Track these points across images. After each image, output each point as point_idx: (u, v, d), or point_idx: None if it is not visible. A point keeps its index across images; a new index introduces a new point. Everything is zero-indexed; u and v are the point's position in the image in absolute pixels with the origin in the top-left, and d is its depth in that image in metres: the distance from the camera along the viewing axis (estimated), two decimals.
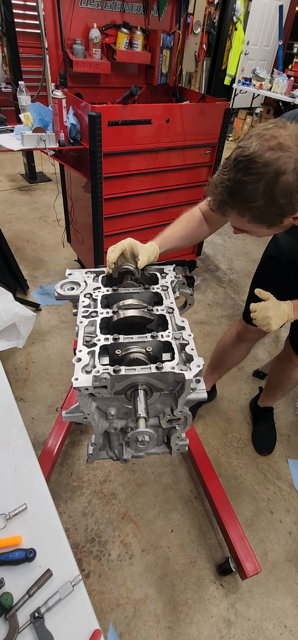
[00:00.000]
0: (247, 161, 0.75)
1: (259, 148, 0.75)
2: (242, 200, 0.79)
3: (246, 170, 0.76)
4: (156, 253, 1.12)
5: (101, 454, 1.09)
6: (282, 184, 0.75)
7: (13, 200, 4.02)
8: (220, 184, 0.82)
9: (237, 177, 0.78)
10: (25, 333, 1.79)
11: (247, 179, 0.76)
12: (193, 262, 3.19)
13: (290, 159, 0.74)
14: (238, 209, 0.82)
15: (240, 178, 0.77)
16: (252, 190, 0.77)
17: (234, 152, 0.79)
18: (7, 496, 0.83)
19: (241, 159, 0.76)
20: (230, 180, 0.79)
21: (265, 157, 0.74)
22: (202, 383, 0.88)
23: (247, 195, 0.78)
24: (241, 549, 1.37)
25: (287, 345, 1.67)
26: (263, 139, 0.76)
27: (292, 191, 0.76)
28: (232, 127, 7.13)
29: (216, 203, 0.86)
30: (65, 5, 2.11)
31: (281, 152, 0.74)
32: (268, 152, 0.74)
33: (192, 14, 5.29)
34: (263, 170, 0.74)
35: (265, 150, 0.74)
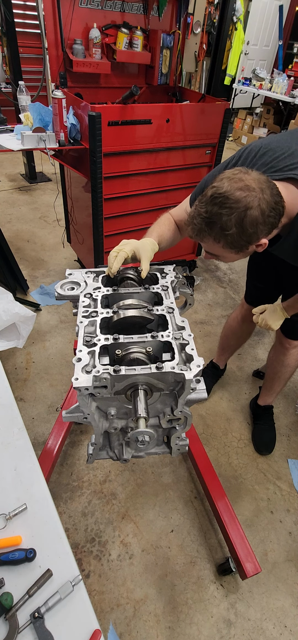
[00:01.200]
0: (222, 197, 0.90)
1: (231, 188, 0.90)
2: (218, 228, 0.93)
3: (221, 204, 0.90)
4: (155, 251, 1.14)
5: (101, 454, 1.09)
6: (250, 216, 0.90)
7: (13, 200, 4.02)
8: (198, 215, 0.96)
9: (213, 210, 0.92)
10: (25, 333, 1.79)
11: (222, 212, 0.91)
12: (193, 262, 3.19)
13: (255, 197, 0.89)
14: (214, 236, 0.96)
15: (217, 211, 0.91)
16: (226, 221, 0.91)
17: (210, 191, 0.94)
18: (7, 496, 0.83)
19: (216, 196, 0.91)
20: (207, 212, 0.93)
21: (236, 195, 0.89)
22: (202, 383, 0.88)
23: (223, 224, 0.92)
24: (241, 549, 1.37)
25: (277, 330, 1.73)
26: (233, 181, 0.91)
27: (257, 222, 0.91)
28: (232, 127, 7.12)
29: (195, 231, 0.99)
30: (65, 5, 2.11)
31: (248, 192, 0.89)
32: (238, 192, 0.89)
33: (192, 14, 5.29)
34: (235, 206, 0.89)
35: (236, 190, 0.90)
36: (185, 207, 1.27)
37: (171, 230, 1.27)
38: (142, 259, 1.06)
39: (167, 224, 1.27)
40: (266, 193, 0.91)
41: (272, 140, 1.11)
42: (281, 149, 1.06)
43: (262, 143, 1.11)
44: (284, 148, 1.06)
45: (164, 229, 1.24)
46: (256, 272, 1.75)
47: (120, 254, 1.05)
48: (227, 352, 2.15)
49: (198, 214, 0.96)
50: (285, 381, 1.85)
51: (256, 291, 1.80)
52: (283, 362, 1.76)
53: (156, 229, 1.22)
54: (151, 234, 1.19)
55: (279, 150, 1.06)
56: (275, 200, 0.93)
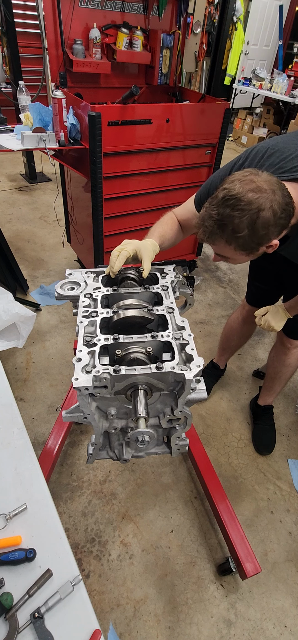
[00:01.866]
0: (234, 199, 0.90)
1: (243, 190, 0.90)
2: (230, 231, 0.93)
3: (233, 206, 0.90)
4: (157, 252, 1.15)
5: (101, 454, 1.09)
6: (262, 218, 0.90)
7: (13, 200, 4.02)
8: (209, 217, 0.95)
9: (225, 212, 0.92)
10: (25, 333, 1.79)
11: (234, 214, 0.90)
12: (193, 262, 3.19)
13: (267, 199, 0.89)
14: (226, 238, 0.95)
15: (229, 213, 0.91)
16: (238, 223, 0.91)
17: (221, 193, 0.93)
18: (7, 496, 0.83)
19: (228, 198, 0.91)
20: (219, 214, 0.93)
21: (248, 197, 0.89)
22: (202, 383, 0.88)
23: (235, 227, 0.91)
24: (241, 549, 1.37)
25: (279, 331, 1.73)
26: (244, 182, 0.91)
27: (269, 224, 0.91)
28: (232, 127, 7.12)
29: (206, 234, 0.99)
30: (65, 5, 2.11)
31: (260, 194, 0.89)
32: (250, 193, 0.89)
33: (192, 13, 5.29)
34: (247, 207, 0.89)
35: (248, 192, 0.89)
36: (189, 207, 1.27)
37: (173, 229, 1.27)
38: (143, 258, 1.06)
39: (170, 224, 1.27)
40: (277, 194, 0.91)
41: (279, 141, 1.11)
42: (288, 150, 1.06)
43: (268, 144, 1.11)
44: (291, 149, 1.06)
45: (166, 229, 1.24)
46: (257, 272, 1.75)
47: (122, 253, 1.04)
48: (228, 353, 2.15)
49: (210, 217, 0.95)
50: (285, 381, 1.85)
51: (257, 291, 1.80)
52: (284, 362, 1.76)
53: (158, 229, 1.22)
54: (153, 234, 1.19)
55: (287, 151, 1.06)
56: (286, 201, 0.93)
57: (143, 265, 1.06)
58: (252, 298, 1.85)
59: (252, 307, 1.83)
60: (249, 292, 1.86)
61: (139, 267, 1.08)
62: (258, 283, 1.77)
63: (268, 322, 1.42)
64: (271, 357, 1.85)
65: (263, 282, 1.74)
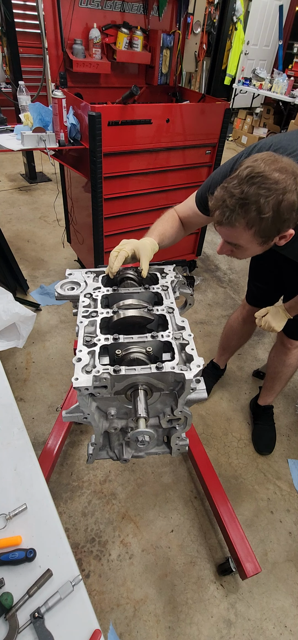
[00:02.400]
0: (260, 177, 0.85)
1: (269, 169, 0.86)
2: (255, 211, 0.87)
3: (260, 184, 0.85)
4: (156, 251, 1.14)
5: (101, 454, 1.09)
6: (288, 200, 0.86)
7: (13, 200, 4.02)
8: (231, 196, 0.89)
9: (250, 191, 0.86)
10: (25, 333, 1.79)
11: (261, 192, 0.85)
12: (193, 262, 3.20)
13: (293, 181, 0.86)
14: (248, 220, 0.89)
15: (255, 191, 0.85)
16: (264, 203, 0.85)
17: (245, 171, 0.88)
18: (7, 496, 0.83)
19: (254, 175, 0.86)
20: (243, 193, 0.87)
21: (275, 176, 0.85)
22: (202, 383, 0.88)
23: (260, 207, 0.86)
24: (241, 549, 1.37)
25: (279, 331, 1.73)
26: (268, 162, 0.87)
27: (293, 208, 0.87)
28: (232, 127, 7.13)
29: (225, 214, 0.91)
30: (65, 5, 2.11)
31: (286, 174, 0.86)
32: (276, 173, 0.85)
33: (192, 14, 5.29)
34: (273, 187, 0.84)
35: (273, 171, 0.85)
36: (190, 205, 1.26)
37: (174, 227, 1.26)
38: (141, 258, 1.06)
39: (171, 221, 1.26)
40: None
41: (282, 138, 1.09)
42: (292, 147, 1.04)
43: (272, 140, 1.09)
44: (295, 146, 1.04)
45: (167, 227, 1.23)
46: (258, 272, 1.75)
47: (121, 253, 1.04)
48: (228, 353, 2.15)
49: (231, 195, 0.89)
50: (286, 381, 1.85)
51: (257, 291, 1.80)
52: (284, 362, 1.76)
53: (158, 228, 1.21)
54: (152, 232, 1.19)
55: (290, 148, 1.04)
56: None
57: (141, 265, 1.06)
58: (252, 298, 1.85)
59: (252, 307, 1.83)
60: (249, 292, 1.86)
61: (138, 266, 1.08)
62: (258, 283, 1.77)
63: (268, 322, 1.42)
64: (271, 357, 1.85)
65: (264, 282, 1.73)
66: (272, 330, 1.41)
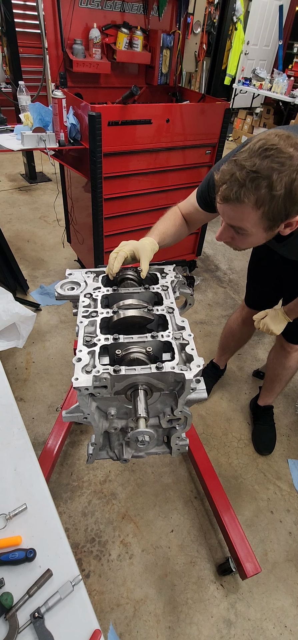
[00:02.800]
0: (274, 150, 0.79)
1: (283, 143, 0.80)
2: (266, 187, 0.80)
3: (273, 158, 0.79)
4: (156, 251, 1.13)
5: (101, 454, 1.09)
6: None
7: (13, 200, 4.02)
8: (241, 169, 0.81)
9: (263, 164, 0.79)
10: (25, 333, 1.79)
11: (274, 166, 0.78)
12: (193, 262, 3.19)
13: None
14: (257, 197, 0.82)
15: (268, 164, 0.79)
16: (277, 179, 0.79)
17: (257, 143, 0.81)
18: (7, 496, 0.83)
19: (269, 147, 0.79)
20: (254, 165, 0.80)
21: (289, 151, 0.79)
22: (202, 383, 0.88)
23: (273, 182, 0.79)
24: (241, 549, 1.37)
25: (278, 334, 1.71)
26: (283, 137, 0.81)
27: None
28: (232, 127, 7.13)
29: (233, 189, 0.83)
30: (65, 5, 2.11)
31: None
32: (291, 148, 0.79)
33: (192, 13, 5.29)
34: (288, 162, 0.78)
35: (288, 145, 0.79)
36: (192, 201, 1.24)
37: (177, 225, 1.24)
38: (141, 259, 1.06)
39: (173, 219, 1.24)
40: None
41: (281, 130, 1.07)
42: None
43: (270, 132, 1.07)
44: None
45: (169, 225, 1.21)
46: (256, 274, 1.74)
47: (120, 254, 1.04)
48: (227, 353, 2.15)
49: (241, 168, 0.81)
50: (285, 383, 1.85)
51: (256, 294, 1.79)
52: (284, 365, 1.75)
53: (159, 227, 1.20)
54: (152, 232, 1.18)
55: None
56: None
57: (141, 265, 1.05)
58: (250, 300, 1.83)
59: (251, 309, 1.82)
60: (248, 294, 1.85)
61: (138, 267, 1.08)
62: (257, 285, 1.76)
63: (267, 325, 1.39)
64: (270, 359, 1.84)
65: (262, 284, 1.72)
66: (271, 333, 1.39)
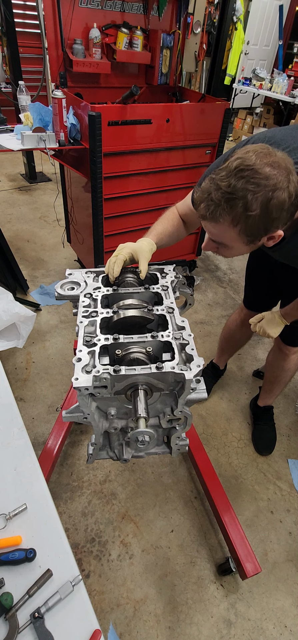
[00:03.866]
0: (250, 170, 0.79)
1: (260, 162, 0.79)
2: (241, 207, 0.81)
3: (248, 179, 0.79)
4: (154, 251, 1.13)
5: (101, 454, 1.09)
6: (277, 198, 0.80)
7: (13, 200, 4.02)
8: (217, 189, 0.83)
9: (238, 185, 0.80)
10: (25, 333, 1.79)
11: (249, 187, 0.79)
12: (193, 262, 3.19)
13: (285, 178, 0.80)
14: (233, 216, 0.83)
15: (242, 186, 0.79)
16: (251, 200, 0.79)
17: (234, 162, 0.81)
18: (7, 496, 0.83)
19: (244, 168, 0.79)
20: (230, 186, 0.80)
21: (266, 171, 0.79)
22: (202, 383, 0.88)
23: (247, 203, 0.80)
24: (241, 549, 1.37)
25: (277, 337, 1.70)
26: (261, 155, 0.80)
27: (283, 207, 0.81)
28: (232, 127, 7.13)
29: (209, 209, 0.86)
30: (65, 5, 2.11)
31: (278, 170, 0.80)
32: (268, 167, 0.79)
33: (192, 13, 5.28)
34: (263, 182, 0.78)
35: (265, 165, 0.79)
36: (188, 203, 1.23)
37: (175, 226, 1.23)
38: (140, 260, 1.06)
39: (171, 219, 1.24)
40: (293, 175, 0.81)
41: (276, 132, 1.05)
42: (286, 142, 0.99)
43: (266, 135, 1.05)
44: (289, 141, 0.99)
45: (167, 226, 1.21)
46: (254, 276, 1.73)
47: (119, 257, 1.04)
48: (227, 354, 2.15)
49: (217, 188, 0.82)
50: (285, 384, 1.84)
51: (254, 296, 1.78)
52: (283, 367, 1.74)
53: (157, 227, 1.20)
54: (150, 233, 1.18)
55: (284, 143, 0.98)
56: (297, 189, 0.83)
57: (140, 266, 1.05)
58: (249, 302, 1.82)
59: (250, 311, 1.81)
60: (246, 296, 1.83)
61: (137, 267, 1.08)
62: (255, 287, 1.76)
63: (263, 329, 1.37)
64: (269, 361, 1.83)
65: (261, 286, 1.71)
66: (268, 336, 1.38)
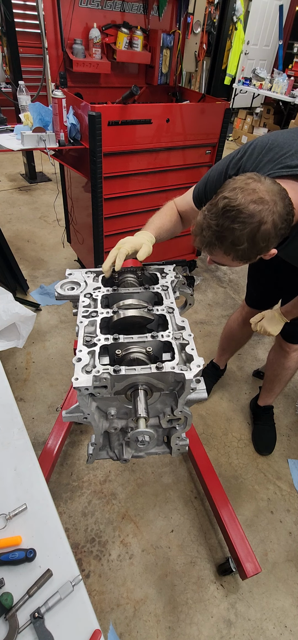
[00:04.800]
0: (235, 211, 0.87)
1: (244, 201, 0.86)
2: (230, 243, 0.90)
3: (234, 218, 0.87)
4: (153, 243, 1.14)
5: (101, 454, 1.09)
6: (263, 231, 0.87)
7: (13, 200, 4.02)
8: (208, 228, 0.92)
9: (225, 224, 0.88)
10: (25, 333, 1.79)
11: (235, 226, 0.87)
12: (193, 262, 3.19)
13: (269, 212, 0.87)
14: (225, 249, 0.93)
15: (229, 225, 0.88)
16: (239, 236, 0.88)
17: (221, 202, 0.89)
18: (7, 496, 0.83)
19: (229, 209, 0.87)
20: (219, 225, 0.90)
21: (250, 209, 0.86)
22: (202, 383, 0.88)
23: (234, 239, 0.89)
24: (241, 549, 1.37)
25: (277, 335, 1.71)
26: (246, 192, 0.87)
27: (270, 237, 0.90)
28: (232, 127, 7.12)
29: (203, 244, 0.96)
30: (65, 5, 2.11)
31: (262, 206, 0.86)
32: (252, 205, 0.86)
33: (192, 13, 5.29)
34: (248, 220, 0.86)
35: (250, 203, 0.86)
36: (188, 200, 1.26)
37: (172, 221, 1.25)
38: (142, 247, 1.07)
39: (169, 214, 1.26)
40: (279, 205, 0.88)
41: (278, 135, 1.08)
42: (288, 146, 1.03)
43: (268, 139, 1.08)
44: (291, 145, 1.03)
45: (165, 220, 1.23)
46: (257, 275, 1.74)
47: (121, 250, 1.04)
48: (227, 353, 2.15)
49: (208, 226, 0.92)
50: (285, 383, 1.85)
51: (256, 294, 1.79)
52: (283, 365, 1.75)
53: (155, 221, 1.21)
54: (149, 226, 1.19)
55: (286, 147, 1.03)
56: (287, 210, 0.91)
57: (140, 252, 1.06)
58: (251, 300, 1.84)
59: (252, 310, 1.82)
60: (248, 294, 1.85)
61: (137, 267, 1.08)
62: (257, 285, 1.77)
63: (264, 327, 1.42)
64: (270, 359, 1.84)
65: (263, 284, 1.73)
66: (268, 334, 1.43)
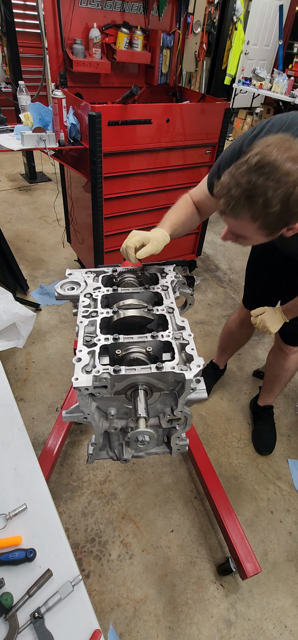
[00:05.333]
0: (270, 167, 0.78)
1: (281, 157, 0.78)
2: (261, 203, 0.81)
3: (268, 175, 0.78)
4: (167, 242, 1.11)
5: (101, 454, 1.09)
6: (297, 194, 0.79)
7: (13, 200, 4.02)
8: (237, 186, 0.83)
9: (258, 182, 0.79)
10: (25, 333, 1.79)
11: (269, 184, 0.79)
12: (193, 262, 3.19)
13: None
14: (253, 212, 0.84)
15: (262, 183, 0.79)
16: (272, 196, 0.79)
17: (254, 157, 0.81)
18: (7, 496, 0.83)
19: (264, 164, 0.79)
20: (250, 183, 0.80)
21: (287, 167, 0.78)
22: (202, 383, 0.88)
23: (267, 200, 0.80)
24: (241, 549, 1.37)
25: (276, 336, 1.72)
26: (282, 149, 0.80)
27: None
28: (232, 126, 7.13)
29: (230, 205, 0.86)
30: (65, 5, 2.11)
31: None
32: (289, 163, 0.78)
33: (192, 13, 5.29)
34: (284, 179, 0.78)
35: (286, 160, 0.78)
36: (203, 188, 1.21)
37: (188, 214, 1.21)
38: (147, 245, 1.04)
39: (185, 208, 1.21)
40: None
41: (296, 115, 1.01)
42: None
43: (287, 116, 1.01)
44: None
45: (180, 214, 1.19)
46: (254, 275, 1.73)
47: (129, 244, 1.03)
48: (227, 353, 2.15)
49: (237, 184, 0.82)
50: (285, 384, 1.85)
51: (254, 295, 1.78)
52: (283, 367, 1.75)
53: (170, 217, 1.18)
54: (164, 223, 1.16)
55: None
56: None
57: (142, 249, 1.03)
58: (248, 302, 1.82)
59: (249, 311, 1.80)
60: (246, 295, 1.84)
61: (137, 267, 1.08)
62: (254, 286, 1.76)
63: (264, 322, 1.35)
64: (270, 360, 1.84)
65: (260, 285, 1.71)
66: (267, 330, 1.35)
